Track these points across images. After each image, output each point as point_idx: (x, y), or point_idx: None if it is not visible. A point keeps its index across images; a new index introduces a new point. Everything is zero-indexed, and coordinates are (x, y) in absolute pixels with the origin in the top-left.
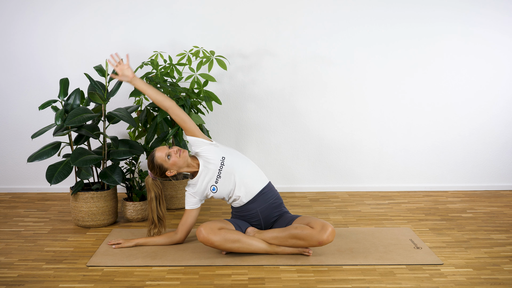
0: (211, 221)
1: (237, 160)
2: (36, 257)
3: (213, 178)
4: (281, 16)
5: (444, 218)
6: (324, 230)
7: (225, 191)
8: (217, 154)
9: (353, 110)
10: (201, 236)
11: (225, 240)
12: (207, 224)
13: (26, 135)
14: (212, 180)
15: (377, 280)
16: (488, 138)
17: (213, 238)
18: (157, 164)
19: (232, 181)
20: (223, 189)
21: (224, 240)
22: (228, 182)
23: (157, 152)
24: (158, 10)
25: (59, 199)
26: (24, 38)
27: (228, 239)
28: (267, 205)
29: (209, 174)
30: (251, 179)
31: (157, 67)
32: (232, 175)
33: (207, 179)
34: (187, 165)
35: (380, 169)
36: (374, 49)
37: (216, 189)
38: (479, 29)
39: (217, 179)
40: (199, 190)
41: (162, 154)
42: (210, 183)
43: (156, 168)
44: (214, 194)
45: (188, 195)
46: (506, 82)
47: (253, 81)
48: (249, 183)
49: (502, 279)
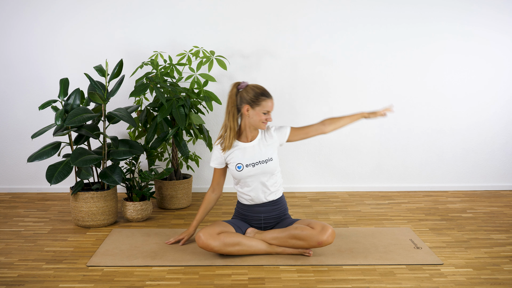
0: (210, 226)
1: (274, 168)
2: (36, 257)
3: (248, 160)
4: (281, 16)
5: (444, 218)
6: (324, 231)
7: (243, 180)
8: (273, 152)
9: (353, 110)
10: (200, 242)
11: (225, 245)
12: (206, 230)
13: (26, 135)
14: (245, 160)
15: (377, 280)
16: (488, 138)
17: (212, 244)
18: (260, 92)
19: (256, 180)
20: (244, 177)
21: (223, 245)
22: (253, 177)
23: (270, 97)
24: (158, 10)
25: (59, 199)
26: (24, 38)
27: (227, 243)
28: (273, 215)
29: (250, 153)
30: (270, 188)
31: (157, 67)
32: (260, 176)
33: (246, 154)
34: (254, 129)
35: (380, 169)
36: (374, 49)
37: (241, 166)
38: (479, 29)
39: (248, 165)
40: (229, 154)
41: (271, 104)
42: (242, 160)
43: (257, 93)
44: (234, 170)
45: (216, 153)
46: (505, 82)
47: (253, 81)
48: (266, 191)
49: (502, 279)
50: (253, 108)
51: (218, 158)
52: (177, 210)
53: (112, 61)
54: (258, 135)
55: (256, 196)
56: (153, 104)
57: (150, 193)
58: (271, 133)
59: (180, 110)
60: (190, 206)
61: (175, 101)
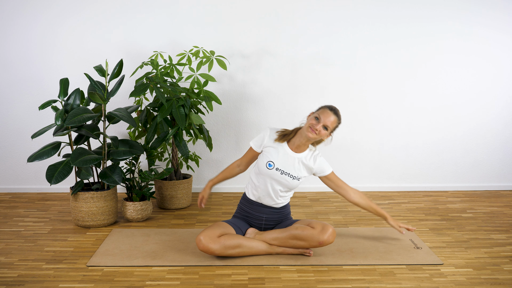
0: (210, 228)
1: (294, 186)
2: (36, 257)
3: (281, 165)
4: (281, 16)
5: (444, 218)
6: (325, 231)
7: (263, 176)
8: (304, 174)
9: (353, 110)
10: (201, 245)
11: (225, 247)
12: (206, 233)
13: (26, 135)
14: (279, 163)
15: (377, 280)
16: (488, 138)
17: (213, 247)
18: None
19: (273, 185)
20: (267, 175)
21: (224, 248)
22: (273, 181)
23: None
24: (158, 10)
25: (59, 199)
26: (24, 38)
27: (228, 246)
28: (275, 217)
29: (287, 161)
30: (278, 199)
31: (157, 67)
32: (279, 184)
33: (284, 159)
34: (305, 140)
35: (380, 169)
36: (374, 49)
37: (272, 165)
38: (479, 29)
39: (279, 169)
40: (272, 146)
41: (327, 116)
42: (276, 160)
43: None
44: (264, 163)
45: (263, 136)
46: (506, 82)
47: (253, 81)
48: (273, 199)
49: (502, 279)
50: (311, 114)
51: (261, 140)
52: (177, 210)
53: (112, 61)
54: (305, 153)
55: (262, 196)
56: (153, 104)
57: (150, 193)
58: (316, 161)
59: (180, 110)
60: (190, 206)
61: (175, 101)
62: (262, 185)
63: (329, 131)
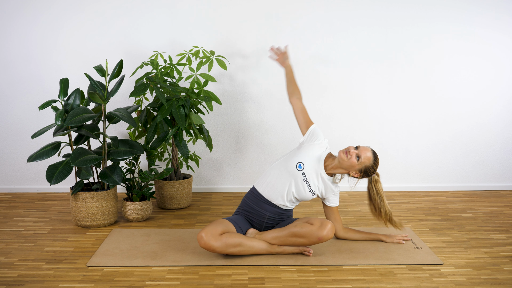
0: (211, 225)
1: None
2: (36, 257)
3: (308, 173)
4: (281, 16)
5: (444, 218)
6: (324, 226)
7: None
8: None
9: (353, 110)
10: (202, 242)
11: (227, 245)
12: (208, 230)
13: (26, 135)
14: (308, 169)
15: (377, 280)
16: (488, 138)
17: (214, 245)
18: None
19: (290, 186)
20: (291, 171)
21: (225, 246)
22: (292, 182)
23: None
24: (158, 10)
25: (59, 199)
26: (24, 38)
27: (229, 244)
28: (277, 218)
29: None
30: (285, 203)
31: (157, 67)
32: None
33: (313, 170)
34: (337, 165)
35: (380, 169)
36: (374, 50)
37: (301, 167)
38: (479, 29)
39: (304, 174)
40: (315, 142)
41: (359, 149)
42: (307, 164)
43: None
44: (294, 160)
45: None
46: (506, 82)
47: (253, 81)
48: (287, 201)
49: (502, 279)
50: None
51: (318, 136)
52: (177, 210)
53: (112, 61)
54: (330, 177)
55: (271, 191)
56: (153, 104)
57: (150, 193)
58: (334, 190)
59: (180, 110)
60: (190, 206)
61: (175, 101)
62: (279, 184)
63: (359, 166)
